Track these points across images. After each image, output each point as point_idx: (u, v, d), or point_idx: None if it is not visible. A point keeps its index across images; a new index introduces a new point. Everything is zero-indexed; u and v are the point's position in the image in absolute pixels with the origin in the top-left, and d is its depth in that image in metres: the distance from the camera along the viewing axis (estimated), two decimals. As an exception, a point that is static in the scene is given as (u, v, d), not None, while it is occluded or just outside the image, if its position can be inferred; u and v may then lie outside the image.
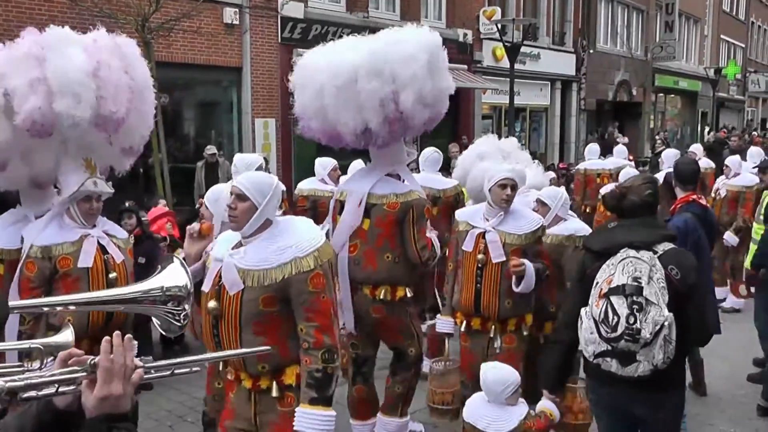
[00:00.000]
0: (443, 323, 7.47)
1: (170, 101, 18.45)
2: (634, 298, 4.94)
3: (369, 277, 7.22)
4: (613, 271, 5.09)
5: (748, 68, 63.84)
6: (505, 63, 25.43)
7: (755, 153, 15.47)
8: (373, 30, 7.62)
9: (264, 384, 4.93)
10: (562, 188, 8.21)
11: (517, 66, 25.24)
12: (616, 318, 4.93)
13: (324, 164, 11.29)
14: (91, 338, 5.98)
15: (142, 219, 10.73)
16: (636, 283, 4.97)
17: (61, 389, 2.47)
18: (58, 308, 2.90)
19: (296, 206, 11.09)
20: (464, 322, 7.13)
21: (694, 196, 7.82)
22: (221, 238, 5.24)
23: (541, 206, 7.74)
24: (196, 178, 17.21)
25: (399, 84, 6.83)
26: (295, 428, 4.72)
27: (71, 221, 6.32)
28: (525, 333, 7.01)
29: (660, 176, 13.22)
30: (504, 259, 6.76)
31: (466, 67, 26.91)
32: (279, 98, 21.50)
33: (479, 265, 6.89)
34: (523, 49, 26.34)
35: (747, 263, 8.35)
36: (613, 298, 4.98)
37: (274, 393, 4.89)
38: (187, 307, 2.79)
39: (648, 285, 4.96)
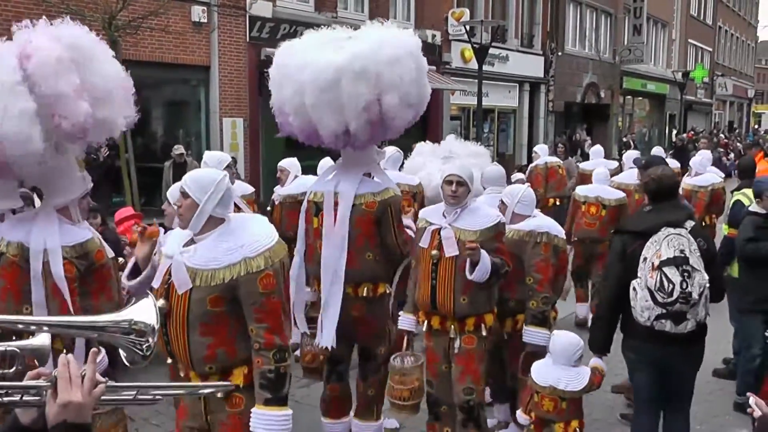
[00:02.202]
0: (405, 320, 7.44)
1: (138, 100, 18.35)
2: (684, 267, 6.17)
3: (351, 276, 7.21)
4: (659, 247, 6.25)
5: (715, 72, 64.42)
6: (474, 64, 25.51)
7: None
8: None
9: None
10: (524, 186, 8.19)
11: (485, 67, 25.32)
12: (671, 285, 6.11)
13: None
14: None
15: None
16: (682, 255, 6.20)
17: (25, 398, 2.52)
18: (32, 327, 2.89)
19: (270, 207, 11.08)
20: (426, 322, 7.11)
21: None
22: (173, 234, 5.18)
23: (502, 205, 7.78)
24: (164, 178, 17.09)
25: (384, 87, 6.79)
26: (251, 430, 4.70)
27: (68, 221, 6.24)
28: (484, 334, 6.94)
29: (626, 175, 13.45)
30: (457, 253, 6.72)
31: (434, 68, 26.91)
32: (247, 98, 21.52)
33: (434, 261, 6.87)
34: (491, 50, 26.47)
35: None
36: (666, 269, 6.14)
37: (220, 393, 4.83)
38: (150, 340, 2.79)
39: (691, 255, 6.23)
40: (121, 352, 2.83)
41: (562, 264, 7.83)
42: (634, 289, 6.32)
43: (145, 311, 2.81)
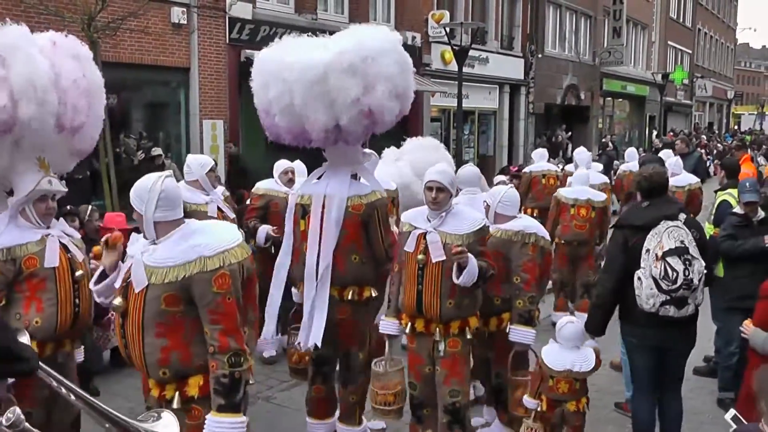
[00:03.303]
0: (386, 324, 7.40)
1: (117, 102, 18.34)
2: (685, 256, 6.80)
3: (337, 279, 7.23)
4: (660, 239, 6.84)
5: (695, 74, 64.66)
6: (454, 66, 25.50)
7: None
8: (322, 32, 7.64)
9: (169, 394, 4.82)
10: (506, 186, 8.21)
11: (465, 69, 25.32)
12: (675, 273, 6.71)
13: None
14: (56, 341, 5.98)
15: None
16: (683, 245, 6.83)
17: None
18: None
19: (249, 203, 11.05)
20: (409, 324, 7.08)
21: None
22: (141, 237, 5.09)
23: (486, 207, 7.80)
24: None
25: (370, 80, 6.86)
26: None
27: (27, 222, 6.16)
28: (469, 337, 6.95)
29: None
30: (444, 258, 6.70)
31: (414, 70, 26.80)
32: (227, 99, 21.44)
33: (420, 266, 6.84)
34: (471, 52, 26.49)
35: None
36: (669, 259, 6.74)
37: (176, 404, 4.75)
38: None
39: (689, 245, 6.86)
40: None
41: (546, 265, 7.89)
42: (639, 278, 6.86)
43: (169, 427, 2.74)
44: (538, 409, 7.20)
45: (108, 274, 5.37)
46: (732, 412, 3.90)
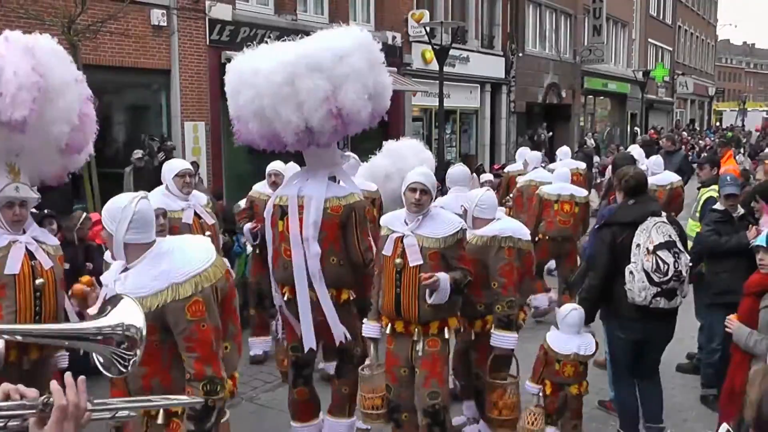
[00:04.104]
0: (369, 328, 7.39)
1: (98, 104, 18.25)
2: (674, 249, 7.15)
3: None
4: (649, 234, 7.15)
5: (676, 71, 64.85)
6: (435, 66, 25.54)
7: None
8: (302, 32, 7.63)
9: (154, 411, 4.83)
10: (482, 190, 8.22)
11: (446, 69, 25.35)
12: (666, 266, 7.04)
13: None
14: (19, 347, 5.93)
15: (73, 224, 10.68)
16: (671, 239, 7.18)
17: (10, 424, 2.38)
18: (18, 337, 2.77)
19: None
20: (389, 325, 7.08)
21: None
22: (114, 262, 5.02)
23: (464, 211, 7.82)
24: (124, 184, 16.98)
25: (338, 79, 6.85)
26: None
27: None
28: (447, 337, 6.95)
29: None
30: (421, 262, 6.71)
31: (395, 69, 26.90)
32: (208, 101, 21.38)
33: (397, 269, 6.84)
34: (452, 52, 26.52)
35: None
36: (660, 252, 7.07)
37: (160, 420, 4.80)
38: (138, 353, 2.65)
39: (676, 239, 7.24)
40: (96, 358, 2.67)
41: (527, 266, 7.88)
42: (631, 273, 7.18)
43: (132, 314, 2.65)
44: (540, 394, 7.64)
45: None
46: (725, 426, 3.89)
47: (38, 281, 6.14)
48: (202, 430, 4.63)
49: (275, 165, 10.76)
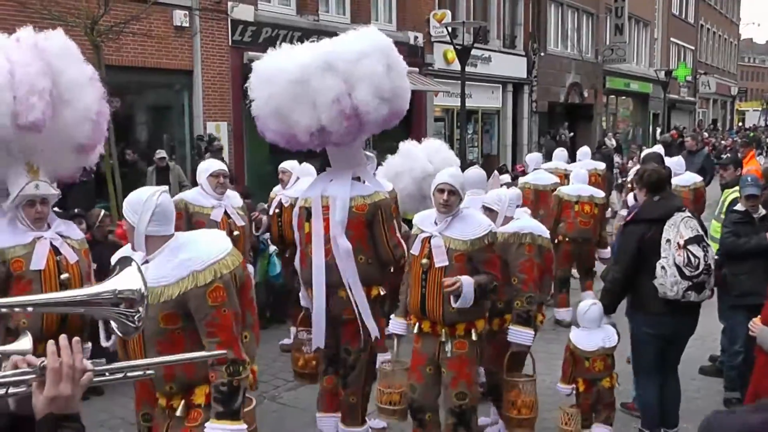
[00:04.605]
0: (395, 324, 7.47)
1: (121, 105, 18.32)
2: (703, 243, 7.24)
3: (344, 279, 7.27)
4: (678, 229, 7.22)
5: (698, 70, 64.53)
6: (457, 66, 25.46)
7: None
8: (324, 33, 7.66)
9: (176, 404, 4.90)
10: (504, 189, 8.25)
11: (468, 69, 25.28)
12: (697, 260, 7.12)
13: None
14: (43, 341, 5.96)
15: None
16: (699, 233, 7.26)
17: (11, 390, 2.48)
18: (17, 309, 2.85)
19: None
20: (416, 324, 7.09)
21: None
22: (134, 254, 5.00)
23: (489, 212, 7.75)
24: (146, 184, 17.03)
25: (353, 80, 6.88)
26: None
27: (21, 225, 6.26)
28: (474, 338, 6.92)
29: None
30: (446, 264, 6.71)
31: (417, 69, 26.85)
32: (231, 101, 21.45)
33: (424, 270, 6.85)
34: (474, 51, 26.44)
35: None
36: (690, 247, 7.14)
37: (179, 412, 4.86)
38: (141, 309, 2.73)
39: (702, 233, 7.32)
40: (113, 324, 2.79)
41: (547, 264, 7.94)
42: (663, 268, 7.23)
43: (129, 279, 2.74)
44: (573, 393, 7.75)
45: None
46: None
47: (63, 276, 6.27)
48: (231, 410, 4.68)
49: (285, 163, 10.90)
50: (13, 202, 6.17)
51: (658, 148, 17.05)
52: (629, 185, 14.41)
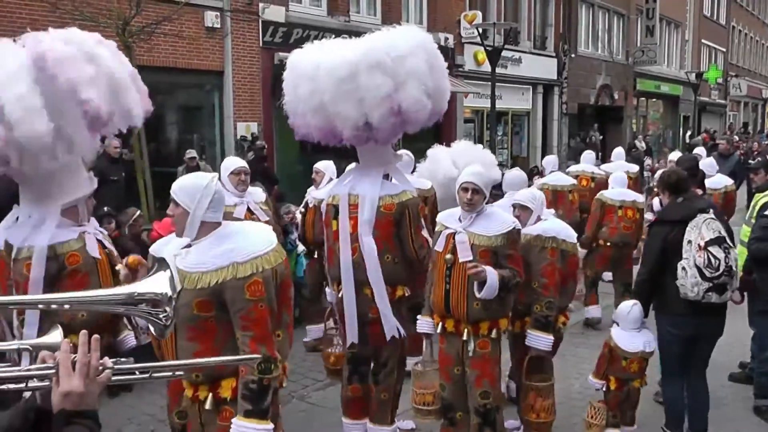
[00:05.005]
0: (423, 323, 7.43)
1: (152, 105, 18.36)
2: (724, 244, 7.20)
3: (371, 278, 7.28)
4: (699, 230, 7.22)
5: (729, 72, 64.11)
6: (487, 67, 25.49)
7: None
8: (355, 33, 7.67)
9: (202, 395, 4.88)
10: (534, 189, 8.27)
11: (498, 70, 25.29)
12: (717, 261, 7.10)
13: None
14: (94, 332, 6.02)
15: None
16: (720, 235, 7.22)
17: (30, 384, 2.52)
18: (40, 306, 2.89)
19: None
20: (440, 324, 7.11)
21: None
22: (173, 240, 5.11)
23: (523, 210, 7.77)
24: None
25: (400, 78, 6.90)
26: None
27: (67, 221, 6.32)
28: (494, 337, 6.94)
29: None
30: (471, 258, 6.72)
31: (447, 71, 26.71)
32: (261, 102, 21.55)
33: (448, 266, 6.87)
34: (504, 53, 26.44)
35: (739, 267, 8.54)
36: (711, 248, 7.13)
37: (208, 406, 4.84)
38: (167, 309, 2.74)
39: (725, 234, 7.28)
40: (149, 327, 2.81)
41: (571, 269, 7.90)
42: (684, 269, 7.24)
43: (154, 283, 2.76)
44: (604, 389, 7.85)
45: None
46: None
47: (117, 267, 6.30)
48: (259, 408, 4.64)
49: (319, 163, 11.03)
50: (83, 196, 6.32)
51: (700, 150, 17.00)
52: (655, 189, 14.39)
